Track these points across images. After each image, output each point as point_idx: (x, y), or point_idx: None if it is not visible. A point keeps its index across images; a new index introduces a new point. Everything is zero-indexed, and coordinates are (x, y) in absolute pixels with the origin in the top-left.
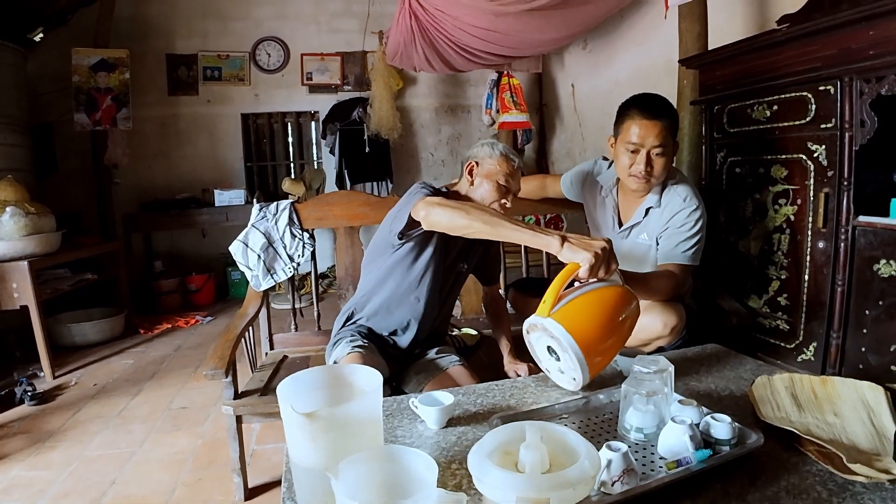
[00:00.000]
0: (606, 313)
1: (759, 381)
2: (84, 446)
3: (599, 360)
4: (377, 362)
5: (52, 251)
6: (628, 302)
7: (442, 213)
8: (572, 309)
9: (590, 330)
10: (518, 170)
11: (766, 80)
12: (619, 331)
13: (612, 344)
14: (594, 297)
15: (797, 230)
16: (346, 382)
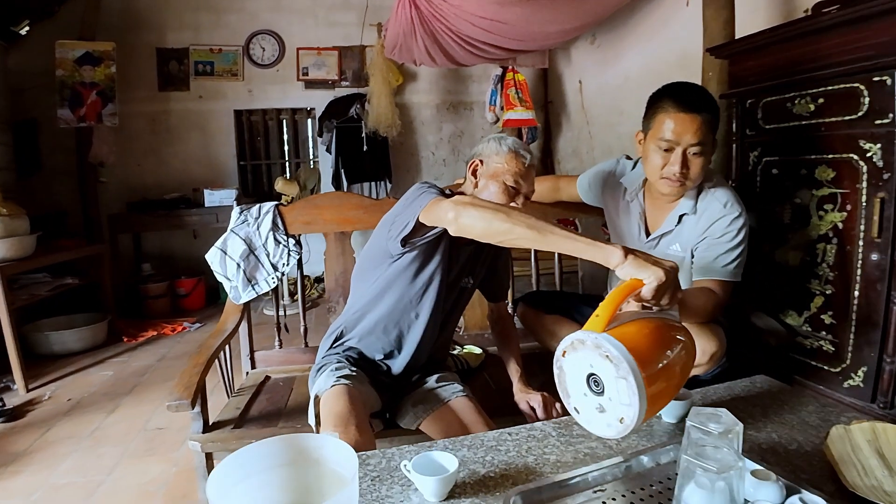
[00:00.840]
0: (669, 349)
1: (834, 433)
2: (50, 472)
3: (653, 405)
4: (367, 394)
5: (27, 255)
6: (689, 348)
7: (477, 215)
8: (633, 331)
9: (652, 360)
10: (531, 168)
11: (808, 70)
12: (676, 375)
13: (667, 389)
14: (657, 327)
15: (846, 239)
16: (313, 459)
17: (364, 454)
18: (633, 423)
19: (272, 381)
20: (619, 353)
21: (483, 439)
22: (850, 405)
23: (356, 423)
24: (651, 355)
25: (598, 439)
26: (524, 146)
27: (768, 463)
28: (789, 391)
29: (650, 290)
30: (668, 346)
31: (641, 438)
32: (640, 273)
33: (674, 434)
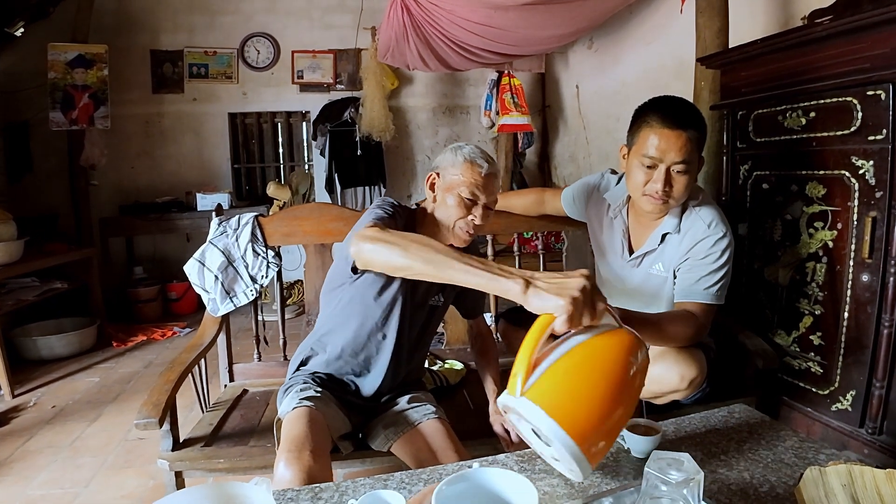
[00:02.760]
0: (603, 376)
1: (808, 475)
2: (27, 483)
3: (603, 444)
4: (332, 416)
5: (13, 260)
6: (632, 351)
7: (374, 250)
8: (553, 379)
9: (582, 406)
10: (490, 177)
11: (801, 82)
12: (625, 395)
13: (619, 417)
14: (582, 357)
15: (836, 259)
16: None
17: (318, 487)
18: (581, 476)
19: (249, 394)
20: (540, 421)
21: (442, 472)
22: (838, 429)
23: (311, 449)
24: (582, 399)
25: (559, 475)
26: (483, 154)
27: None
28: (768, 424)
29: (561, 322)
30: (604, 370)
31: (606, 476)
32: (546, 306)
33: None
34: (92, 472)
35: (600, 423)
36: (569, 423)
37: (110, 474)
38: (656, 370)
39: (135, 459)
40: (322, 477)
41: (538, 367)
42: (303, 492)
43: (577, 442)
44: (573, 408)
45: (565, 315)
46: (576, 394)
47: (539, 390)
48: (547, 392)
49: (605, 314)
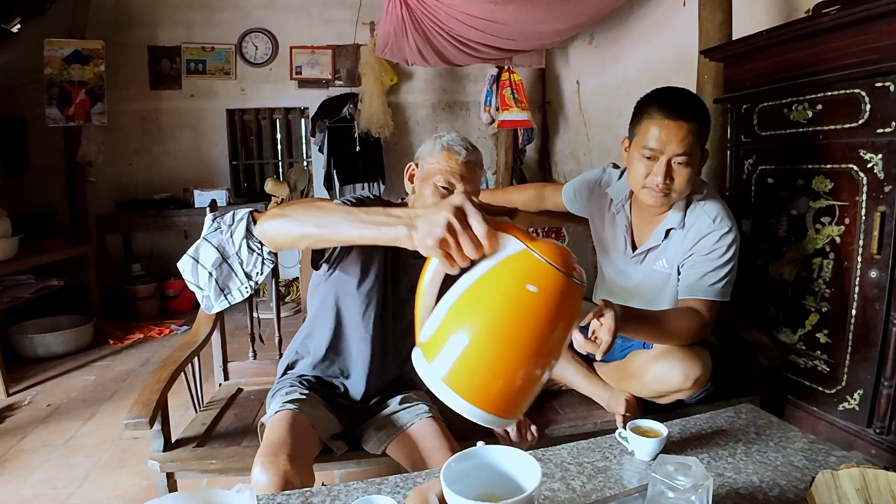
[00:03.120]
0: (494, 321)
1: (820, 479)
2: (21, 483)
3: (515, 395)
4: (319, 418)
5: (8, 257)
6: (531, 277)
7: (270, 227)
8: (440, 334)
9: (473, 362)
10: (470, 165)
11: (807, 74)
12: (538, 334)
13: (526, 361)
14: (468, 302)
15: (843, 255)
16: None
17: (308, 492)
18: (499, 426)
19: (244, 394)
20: (427, 377)
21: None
22: (844, 429)
23: (288, 452)
24: (473, 356)
25: (560, 479)
26: (463, 141)
27: None
28: (776, 424)
29: (444, 267)
30: (495, 319)
31: (609, 480)
32: (424, 246)
33: (646, 475)
34: (86, 472)
35: (502, 374)
36: (457, 382)
37: (104, 474)
38: (659, 369)
39: (129, 459)
40: (299, 481)
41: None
42: (293, 496)
43: (473, 397)
44: (464, 365)
45: (439, 259)
46: (464, 347)
47: (429, 345)
48: (433, 347)
49: (507, 238)
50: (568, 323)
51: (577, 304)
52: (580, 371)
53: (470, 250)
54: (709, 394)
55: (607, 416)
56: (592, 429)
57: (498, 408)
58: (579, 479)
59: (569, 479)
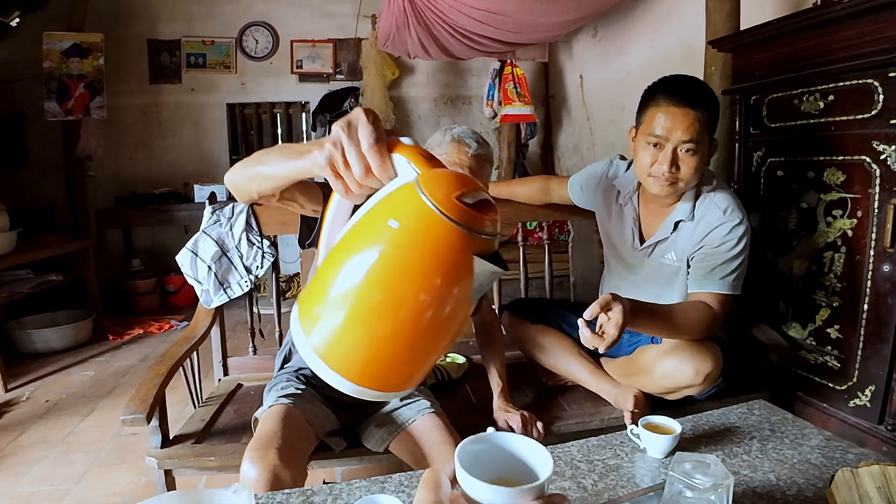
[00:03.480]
0: (363, 266)
1: (840, 477)
2: (18, 479)
3: (386, 362)
4: (315, 413)
5: (6, 252)
6: (409, 209)
7: (229, 174)
8: (315, 282)
9: (338, 315)
10: (480, 159)
11: (819, 64)
12: (404, 285)
13: (406, 323)
14: (346, 241)
15: (855, 248)
16: None
17: (310, 490)
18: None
19: (244, 389)
20: (297, 337)
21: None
22: (855, 426)
23: (278, 447)
24: (336, 316)
25: (570, 478)
26: (474, 135)
27: None
28: (791, 421)
29: (335, 188)
30: (360, 263)
31: (622, 479)
32: (321, 168)
33: (659, 473)
34: (84, 468)
35: (362, 338)
36: (322, 347)
37: (102, 470)
38: (669, 364)
39: (127, 455)
40: (289, 476)
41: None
42: (293, 495)
43: (341, 372)
44: (328, 325)
45: (330, 181)
46: (327, 303)
47: (302, 301)
48: (305, 303)
49: (404, 159)
50: (449, 278)
51: (460, 256)
52: (586, 367)
53: (357, 168)
54: (719, 390)
55: (615, 413)
56: (600, 425)
57: (368, 379)
58: (590, 478)
59: (579, 477)
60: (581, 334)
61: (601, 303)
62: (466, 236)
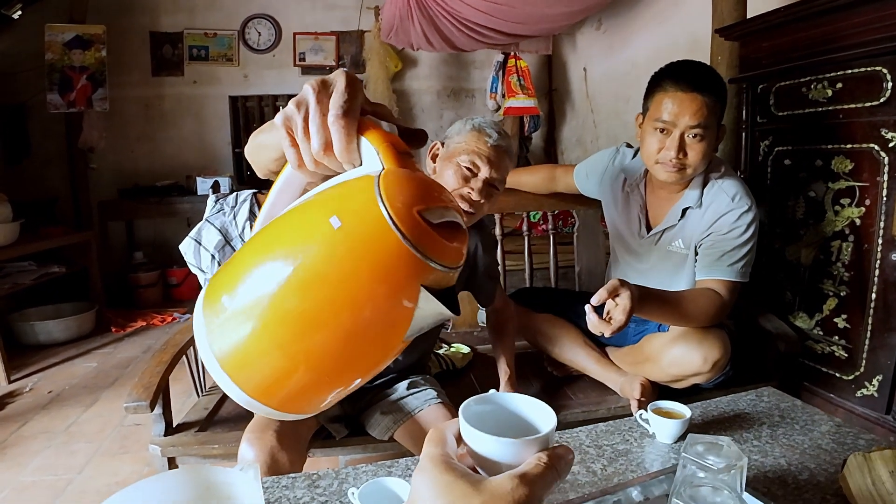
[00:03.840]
0: (289, 262)
1: (852, 462)
2: (21, 469)
3: (292, 383)
4: None
5: (9, 243)
6: (358, 214)
7: (247, 149)
8: (228, 270)
9: (245, 319)
10: (499, 150)
11: (827, 51)
12: (331, 293)
13: (326, 340)
14: (278, 227)
15: (864, 237)
16: (223, 496)
17: (315, 474)
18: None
19: None
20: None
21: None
22: (862, 416)
23: (276, 429)
24: (244, 318)
25: (580, 462)
26: (496, 125)
27: (775, 497)
28: (800, 408)
29: (287, 155)
30: (287, 257)
31: (631, 463)
32: (276, 128)
33: (669, 458)
34: (86, 458)
35: (268, 350)
36: (222, 351)
37: (105, 460)
38: (677, 352)
39: (130, 445)
40: (286, 458)
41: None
42: (298, 479)
43: (239, 384)
44: (230, 327)
45: (283, 146)
46: (236, 299)
47: (209, 289)
48: (211, 293)
49: (374, 147)
50: (384, 307)
51: (404, 283)
52: (592, 356)
53: (315, 140)
54: (726, 378)
55: (621, 402)
56: (606, 414)
57: (265, 395)
58: (599, 463)
59: (588, 462)
60: (588, 319)
61: (609, 288)
62: (417, 261)
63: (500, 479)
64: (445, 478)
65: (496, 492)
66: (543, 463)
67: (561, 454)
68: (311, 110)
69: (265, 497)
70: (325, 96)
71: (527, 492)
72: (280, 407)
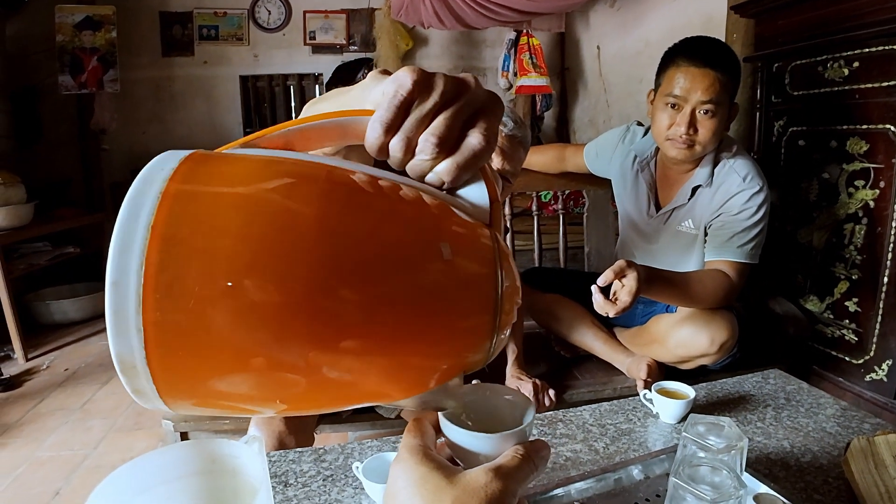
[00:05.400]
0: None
1: (856, 445)
2: (37, 445)
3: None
4: None
5: (23, 224)
6: (469, 248)
7: None
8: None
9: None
10: (513, 139)
11: (845, 29)
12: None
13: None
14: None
15: (877, 220)
16: (229, 468)
17: (322, 449)
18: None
19: None
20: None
21: None
22: (871, 400)
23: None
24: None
25: (582, 441)
26: (512, 114)
27: (776, 478)
28: (807, 391)
29: (371, 130)
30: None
31: (633, 442)
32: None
33: (672, 438)
34: (101, 434)
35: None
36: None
37: (119, 436)
38: (685, 333)
39: (144, 422)
40: (294, 441)
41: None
42: (305, 453)
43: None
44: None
45: (379, 112)
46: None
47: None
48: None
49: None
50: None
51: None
52: (600, 336)
53: (430, 147)
54: (734, 360)
55: (627, 382)
56: (612, 394)
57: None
58: (602, 441)
59: (591, 440)
60: (594, 300)
61: (615, 269)
62: (490, 329)
63: (475, 472)
64: (421, 469)
65: (469, 486)
66: (520, 455)
67: (538, 447)
68: (446, 115)
69: (273, 471)
70: (467, 106)
71: (501, 486)
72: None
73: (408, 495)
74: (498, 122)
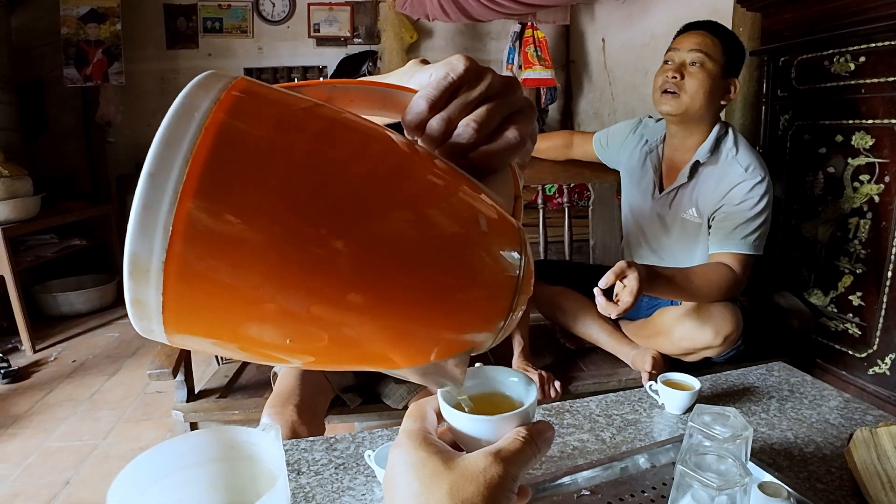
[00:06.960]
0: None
1: (858, 436)
2: (47, 435)
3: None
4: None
5: (30, 216)
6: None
7: None
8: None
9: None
10: None
11: (851, 24)
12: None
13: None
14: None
15: (882, 214)
16: (246, 455)
17: (333, 438)
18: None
19: None
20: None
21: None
22: (874, 393)
23: (296, 403)
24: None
25: (589, 430)
26: None
27: (780, 468)
28: (810, 383)
29: (415, 107)
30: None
31: (639, 432)
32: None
33: (677, 428)
34: (110, 425)
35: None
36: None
37: (128, 427)
38: (689, 325)
39: (153, 412)
40: (307, 431)
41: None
42: (317, 442)
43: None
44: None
45: (431, 84)
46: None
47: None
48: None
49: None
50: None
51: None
52: (605, 328)
53: (468, 130)
54: (738, 352)
55: (632, 374)
56: (617, 386)
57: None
58: (608, 431)
59: (598, 430)
60: (597, 302)
61: (616, 271)
62: (506, 307)
63: (474, 456)
64: (419, 454)
65: (467, 470)
66: (522, 438)
67: (541, 429)
68: (497, 104)
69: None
70: (508, 103)
71: (500, 470)
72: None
73: (405, 480)
74: (533, 126)
